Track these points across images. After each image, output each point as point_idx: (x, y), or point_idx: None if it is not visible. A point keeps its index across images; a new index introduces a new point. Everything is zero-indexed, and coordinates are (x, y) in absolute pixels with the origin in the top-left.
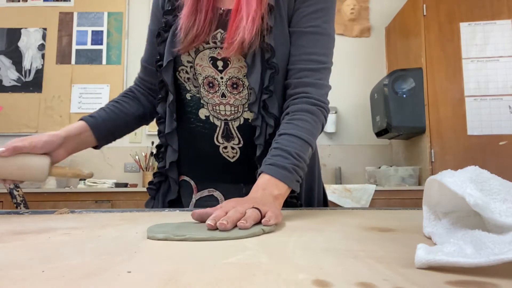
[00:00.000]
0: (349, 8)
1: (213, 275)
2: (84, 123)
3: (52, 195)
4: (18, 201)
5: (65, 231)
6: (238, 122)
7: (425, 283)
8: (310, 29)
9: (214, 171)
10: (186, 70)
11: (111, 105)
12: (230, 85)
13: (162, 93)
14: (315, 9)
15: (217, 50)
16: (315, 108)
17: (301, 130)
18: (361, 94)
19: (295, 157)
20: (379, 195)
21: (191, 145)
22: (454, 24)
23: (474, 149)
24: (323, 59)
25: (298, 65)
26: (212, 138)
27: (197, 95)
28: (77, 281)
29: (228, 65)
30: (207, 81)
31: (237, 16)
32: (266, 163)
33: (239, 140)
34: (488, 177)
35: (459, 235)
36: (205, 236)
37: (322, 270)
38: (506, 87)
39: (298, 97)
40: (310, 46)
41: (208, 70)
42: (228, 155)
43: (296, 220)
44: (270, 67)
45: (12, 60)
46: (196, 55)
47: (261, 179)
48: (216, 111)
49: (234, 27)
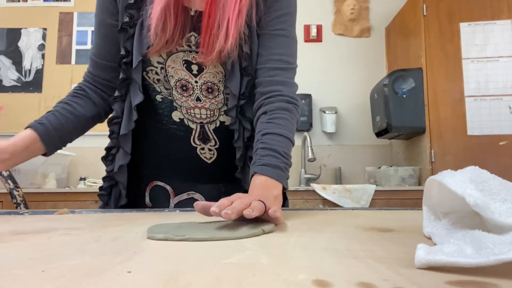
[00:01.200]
0: (349, 8)
1: (213, 275)
2: (33, 132)
3: (52, 195)
4: (18, 201)
5: (65, 231)
6: (214, 125)
7: (425, 283)
8: (277, 32)
9: (191, 172)
10: (156, 71)
11: (60, 108)
12: (205, 89)
13: (122, 91)
14: (281, 14)
15: (191, 54)
16: (291, 106)
17: (283, 128)
18: (361, 94)
19: (284, 156)
20: (379, 195)
21: (165, 148)
22: (454, 24)
23: (474, 149)
24: (291, 60)
25: (268, 64)
26: (189, 140)
27: (169, 97)
28: (77, 281)
29: (203, 70)
30: (180, 84)
31: (209, 21)
32: (258, 164)
33: (215, 142)
34: (488, 177)
35: (459, 235)
36: (205, 236)
37: (322, 270)
38: (506, 87)
39: (272, 96)
40: (278, 47)
41: (181, 73)
42: (205, 156)
43: (296, 220)
44: (247, 74)
45: (12, 60)
46: (168, 57)
47: (257, 180)
48: (190, 114)
49: (208, 32)
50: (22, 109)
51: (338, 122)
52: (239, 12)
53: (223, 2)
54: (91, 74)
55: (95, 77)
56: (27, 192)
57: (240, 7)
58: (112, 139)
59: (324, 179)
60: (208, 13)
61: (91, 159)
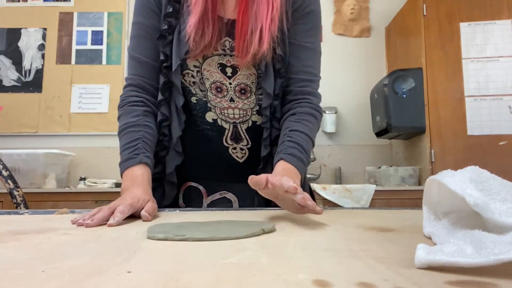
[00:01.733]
0: (349, 8)
1: (213, 275)
2: (148, 169)
3: (52, 195)
4: (18, 201)
5: (65, 231)
6: (247, 125)
7: (425, 283)
8: (307, 45)
9: (223, 172)
10: (192, 74)
11: (148, 135)
12: (238, 90)
13: (165, 94)
14: (310, 27)
15: (226, 57)
16: (317, 114)
17: (308, 130)
18: (361, 94)
19: (306, 152)
20: (379, 195)
21: (198, 148)
22: (454, 24)
23: (474, 149)
24: (317, 72)
25: (299, 75)
26: (221, 140)
27: (203, 98)
28: (77, 281)
29: (237, 72)
30: (215, 86)
31: (243, 28)
32: (285, 152)
33: (248, 141)
34: (488, 177)
35: (459, 235)
36: (205, 236)
37: (322, 270)
38: (506, 87)
39: (302, 102)
40: (307, 59)
41: (216, 76)
42: (237, 156)
43: (296, 220)
44: (280, 76)
45: (12, 60)
46: (204, 61)
47: (281, 166)
48: (224, 115)
49: (242, 38)
50: (22, 109)
51: (338, 122)
52: (271, 21)
53: (255, 11)
54: (142, 78)
55: (146, 80)
56: (27, 192)
57: (273, 16)
58: (164, 142)
59: (324, 179)
60: (241, 21)
61: (91, 159)
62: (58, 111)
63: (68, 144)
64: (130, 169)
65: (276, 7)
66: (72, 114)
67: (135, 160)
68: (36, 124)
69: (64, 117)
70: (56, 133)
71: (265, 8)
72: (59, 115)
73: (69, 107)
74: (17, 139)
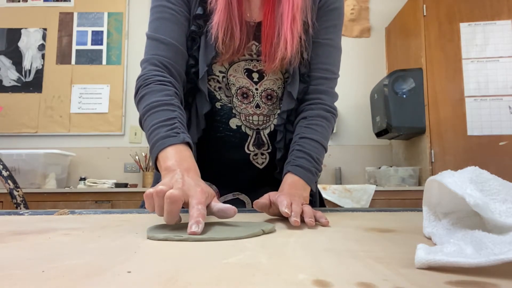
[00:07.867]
0: (349, 9)
1: (213, 275)
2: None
3: (52, 195)
4: (18, 201)
5: (65, 232)
6: (269, 130)
7: (425, 283)
8: (326, 41)
9: (242, 179)
10: (217, 80)
11: (184, 117)
12: (265, 96)
13: (189, 99)
14: (331, 24)
15: (253, 62)
16: (329, 115)
17: (319, 135)
18: (361, 94)
19: (316, 161)
20: (379, 195)
21: (216, 155)
22: (454, 24)
23: (474, 150)
24: (335, 70)
25: (315, 73)
26: (243, 147)
27: (228, 104)
28: (77, 281)
29: (264, 77)
30: (241, 92)
31: (269, 30)
32: (292, 164)
33: (269, 146)
34: (488, 177)
35: (459, 235)
36: (205, 236)
37: (322, 270)
38: (506, 87)
39: (314, 103)
40: (325, 56)
41: (243, 81)
42: (257, 162)
43: None
44: (304, 81)
45: (12, 60)
46: (230, 66)
47: (289, 179)
48: (248, 121)
49: (269, 41)
50: (22, 109)
51: (338, 122)
52: (293, 18)
53: (280, 12)
54: (172, 63)
55: (175, 65)
56: (27, 192)
57: (293, 13)
58: None
59: (324, 179)
60: (267, 23)
61: (91, 159)
62: (58, 111)
63: (68, 144)
64: (173, 147)
65: (297, 4)
66: (72, 114)
67: (178, 138)
68: (36, 124)
69: (64, 117)
70: (56, 133)
71: (287, 6)
72: (59, 115)
73: (69, 107)
74: (17, 139)
